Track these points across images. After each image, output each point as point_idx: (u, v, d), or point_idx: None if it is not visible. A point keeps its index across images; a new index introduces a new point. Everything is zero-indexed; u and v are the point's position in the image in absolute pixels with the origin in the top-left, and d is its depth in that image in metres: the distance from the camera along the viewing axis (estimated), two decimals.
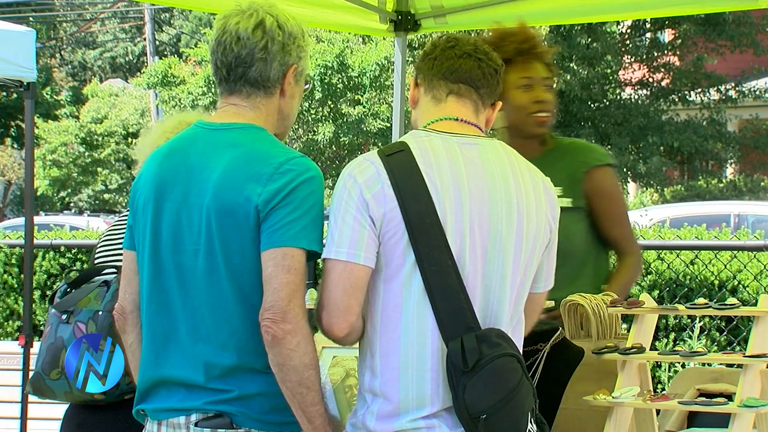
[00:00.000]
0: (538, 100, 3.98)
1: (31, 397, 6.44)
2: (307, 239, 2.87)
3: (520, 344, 3.01)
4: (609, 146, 23.48)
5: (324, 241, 2.95)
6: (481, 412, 2.80)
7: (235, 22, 3.04)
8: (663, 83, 25.84)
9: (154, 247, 3.00)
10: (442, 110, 3.06)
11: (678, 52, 25.65)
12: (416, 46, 22.94)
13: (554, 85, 4.08)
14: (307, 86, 3.21)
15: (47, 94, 34.92)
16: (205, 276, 2.92)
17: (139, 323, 3.10)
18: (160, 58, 30.76)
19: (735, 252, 7.44)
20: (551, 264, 3.11)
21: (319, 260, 2.97)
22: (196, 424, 2.93)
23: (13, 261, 9.64)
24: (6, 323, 9.65)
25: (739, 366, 3.29)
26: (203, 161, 2.98)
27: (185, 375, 2.96)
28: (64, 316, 3.91)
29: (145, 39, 39.56)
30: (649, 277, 7.70)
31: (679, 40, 25.62)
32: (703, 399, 3.46)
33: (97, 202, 34.45)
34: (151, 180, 3.05)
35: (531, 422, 2.88)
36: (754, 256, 7.53)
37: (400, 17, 5.73)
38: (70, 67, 49.26)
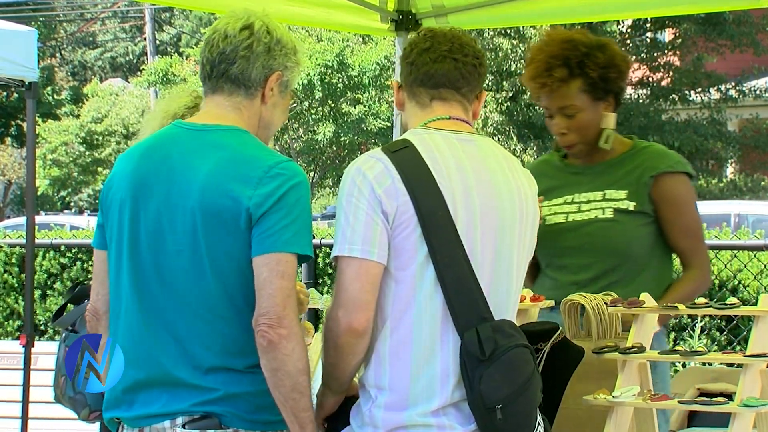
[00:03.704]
0: (557, 132, 3.98)
1: (32, 397, 6.47)
2: (299, 244, 2.88)
3: None
4: None
5: (312, 240, 2.95)
6: (497, 402, 2.82)
7: (225, 23, 3.06)
8: (663, 83, 25.83)
9: (132, 247, 2.97)
10: (430, 113, 3.07)
11: (678, 52, 25.65)
12: None
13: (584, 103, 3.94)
14: (294, 105, 3.21)
15: (48, 93, 34.92)
16: (189, 277, 2.91)
17: (107, 326, 3.07)
18: (161, 57, 30.75)
19: (735, 251, 7.44)
20: None
21: (319, 260, 2.98)
22: (183, 426, 2.90)
23: (14, 260, 9.65)
24: (6, 323, 9.66)
25: (740, 365, 3.29)
26: (186, 161, 2.96)
27: (166, 374, 2.92)
28: (63, 335, 3.90)
29: (145, 39, 39.57)
30: None
31: (680, 40, 25.62)
32: (704, 398, 3.47)
33: (97, 201, 34.40)
34: (127, 178, 3.02)
35: (539, 415, 2.93)
36: (755, 256, 7.53)
37: (401, 17, 5.73)
38: (70, 66, 49.27)
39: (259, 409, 2.92)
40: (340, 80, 23.77)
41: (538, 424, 2.92)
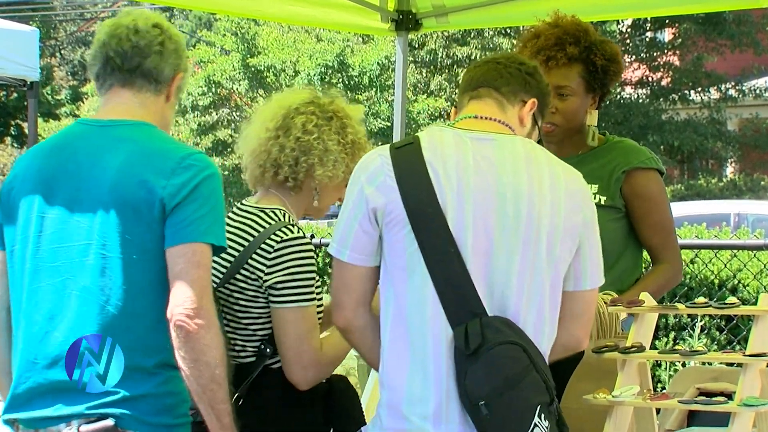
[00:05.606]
0: None
1: None
2: (214, 235, 2.91)
3: (548, 344, 2.96)
4: None
5: None
6: (480, 399, 2.80)
7: (131, 19, 3.07)
8: (663, 82, 25.86)
9: (36, 246, 2.96)
10: (462, 113, 3.12)
11: (678, 52, 25.69)
12: (416, 45, 22.94)
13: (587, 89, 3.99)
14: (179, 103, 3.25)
15: (47, 93, 34.90)
16: (97, 272, 2.89)
17: (7, 326, 3.06)
18: None
19: (735, 251, 7.44)
20: (589, 264, 3.03)
21: (319, 260, 2.99)
22: (78, 430, 2.88)
23: None
24: None
25: (739, 365, 3.30)
26: (94, 158, 2.96)
27: (67, 377, 2.90)
28: None
29: None
30: None
31: (679, 40, 25.65)
32: (703, 398, 3.47)
33: None
34: (32, 179, 3.01)
35: (541, 417, 2.83)
36: (754, 255, 7.53)
37: (401, 16, 5.73)
38: (69, 66, 49.29)
39: (160, 412, 2.90)
40: (341, 80, 23.77)
41: (536, 425, 2.82)
